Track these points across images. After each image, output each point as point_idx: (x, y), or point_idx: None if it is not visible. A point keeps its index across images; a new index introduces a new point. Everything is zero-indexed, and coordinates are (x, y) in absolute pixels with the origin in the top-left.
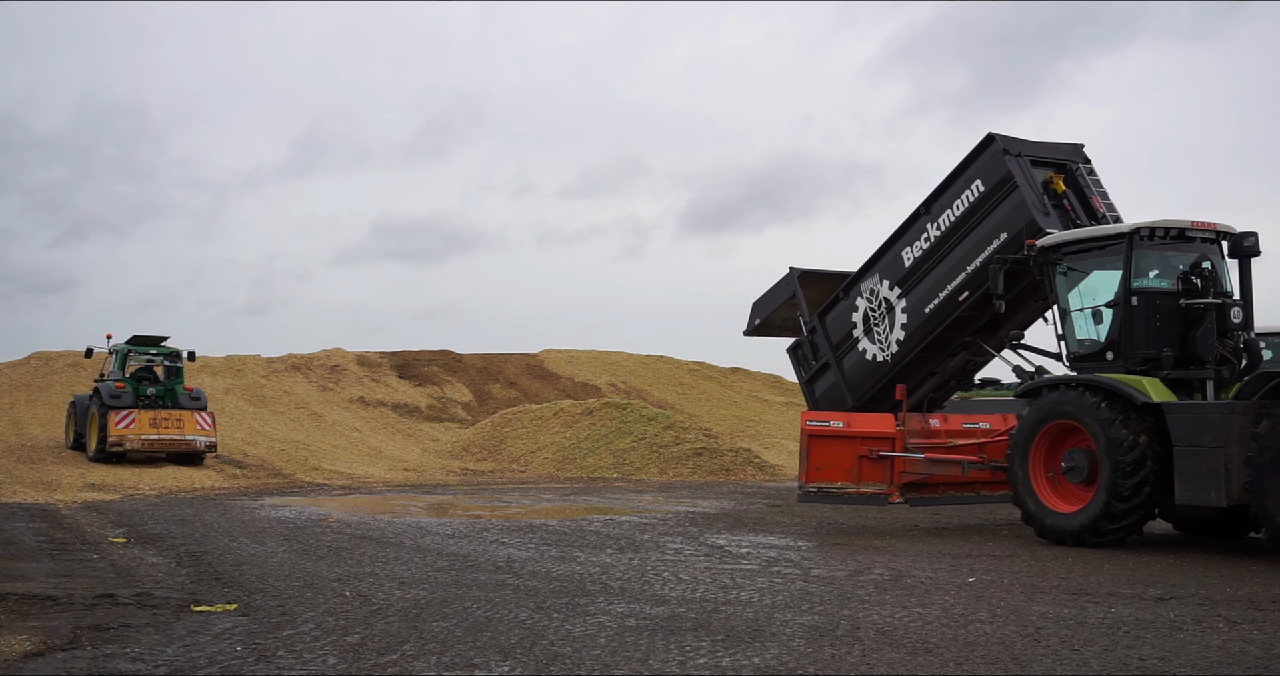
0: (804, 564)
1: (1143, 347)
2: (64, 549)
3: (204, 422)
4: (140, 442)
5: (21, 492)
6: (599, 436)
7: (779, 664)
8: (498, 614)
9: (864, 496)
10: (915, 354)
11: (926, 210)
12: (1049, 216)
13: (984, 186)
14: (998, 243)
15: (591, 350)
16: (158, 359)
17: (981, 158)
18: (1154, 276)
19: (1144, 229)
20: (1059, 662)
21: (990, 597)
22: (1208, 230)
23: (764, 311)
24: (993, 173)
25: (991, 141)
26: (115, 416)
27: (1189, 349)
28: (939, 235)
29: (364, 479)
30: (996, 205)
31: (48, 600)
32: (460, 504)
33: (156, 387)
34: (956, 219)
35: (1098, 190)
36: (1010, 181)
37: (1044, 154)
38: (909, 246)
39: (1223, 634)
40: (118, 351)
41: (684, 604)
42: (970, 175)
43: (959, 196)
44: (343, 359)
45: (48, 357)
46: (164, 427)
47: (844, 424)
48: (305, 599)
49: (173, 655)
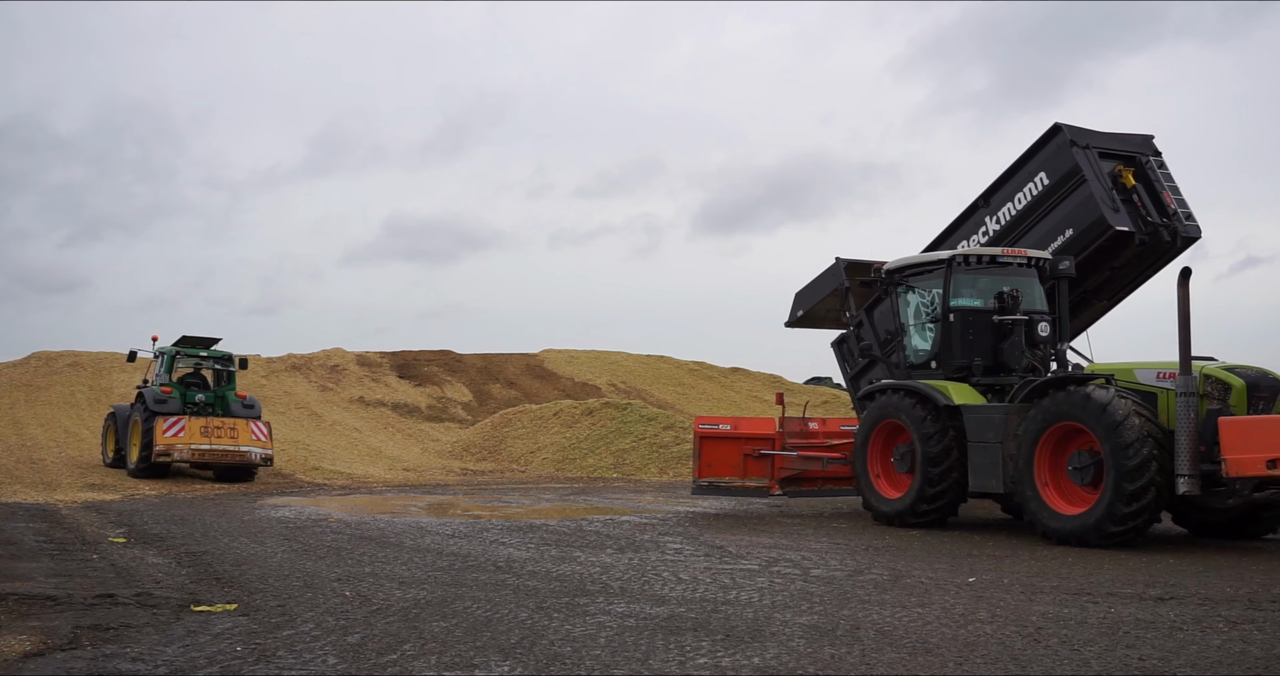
0: (804, 564)
1: (959, 358)
2: (64, 549)
3: (259, 432)
4: (189, 453)
5: (21, 492)
6: (599, 436)
7: (779, 664)
8: (498, 614)
9: (748, 489)
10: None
11: (985, 203)
12: (1118, 213)
13: (1049, 179)
14: (1063, 239)
15: (591, 350)
16: (208, 362)
17: (1046, 149)
18: (970, 297)
19: (959, 257)
20: (1059, 662)
21: (990, 597)
22: (1020, 256)
23: (807, 303)
24: (1059, 165)
25: (1058, 132)
26: (162, 423)
27: (1000, 359)
28: (998, 230)
29: (364, 479)
30: (1062, 200)
31: (48, 600)
32: (460, 504)
33: (206, 394)
34: (1018, 213)
35: (1169, 185)
36: (1077, 175)
37: (1112, 145)
38: (965, 241)
39: (1223, 634)
40: (164, 354)
41: (684, 604)
42: (1034, 167)
43: (1021, 189)
44: (343, 359)
45: (48, 357)
46: (216, 437)
47: (731, 427)
48: (305, 599)
49: (173, 655)
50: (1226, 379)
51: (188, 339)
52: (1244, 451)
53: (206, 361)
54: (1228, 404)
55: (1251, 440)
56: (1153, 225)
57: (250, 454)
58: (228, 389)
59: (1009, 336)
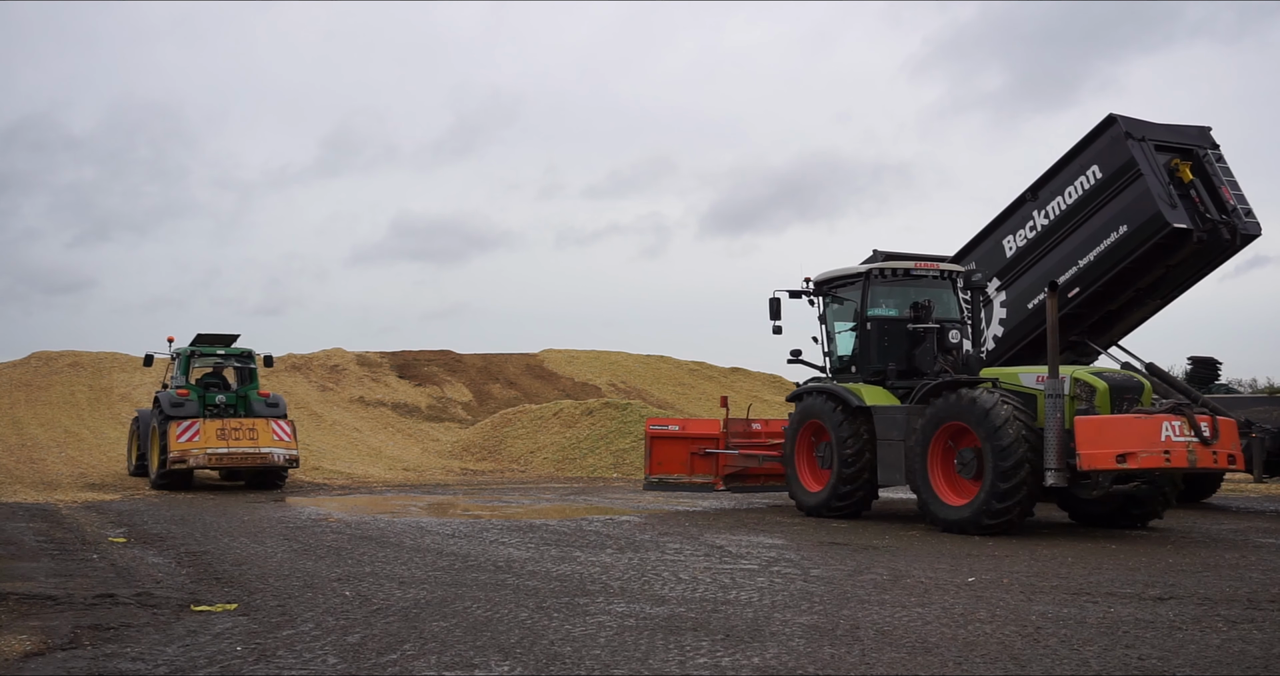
0: (804, 564)
1: (875, 362)
2: (64, 549)
3: (282, 432)
4: (206, 458)
5: (21, 492)
6: (599, 436)
7: (779, 663)
8: (498, 614)
9: (695, 485)
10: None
11: (1033, 196)
12: (1176, 209)
13: (1102, 173)
14: (1116, 236)
15: (591, 350)
16: (227, 361)
17: (1100, 141)
18: (886, 307)
19: (875, 270)
20: (1058, 662)
21: (990, 597)
22: (932, 269)
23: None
24: (1113, 158)
25: (1112, 123)
26: (176, 427)
27: (913, 364)
28: (1047, 225)
29: (364, 479)
30: (1116, 194)
31: (48, 600)
32: (460, 504)
33: (227, 394)
34: (1068, 207)
35: (1227, 179)
36: (1133, 169)
37: (1168, 138)
38: (1011, 235)
39: (1222, 634)
40: (180, 354)
41: (684, 604)
42: (1086, 160)
43: (1072, 182)
44: (343, 359)
45: (48, 357)
46: (234, 439)
47: (679, 427)
48: (305, 599)
49: (173, 655)
50: (1092, 381)
51: (204, 337)
52: (1096, 447)
53: (225, 360)
54: (1093, 404)
55: (1103, 437)
56: (1211, 222)
57: (272, 455)
58: (250, 388)
59: (921, 343)
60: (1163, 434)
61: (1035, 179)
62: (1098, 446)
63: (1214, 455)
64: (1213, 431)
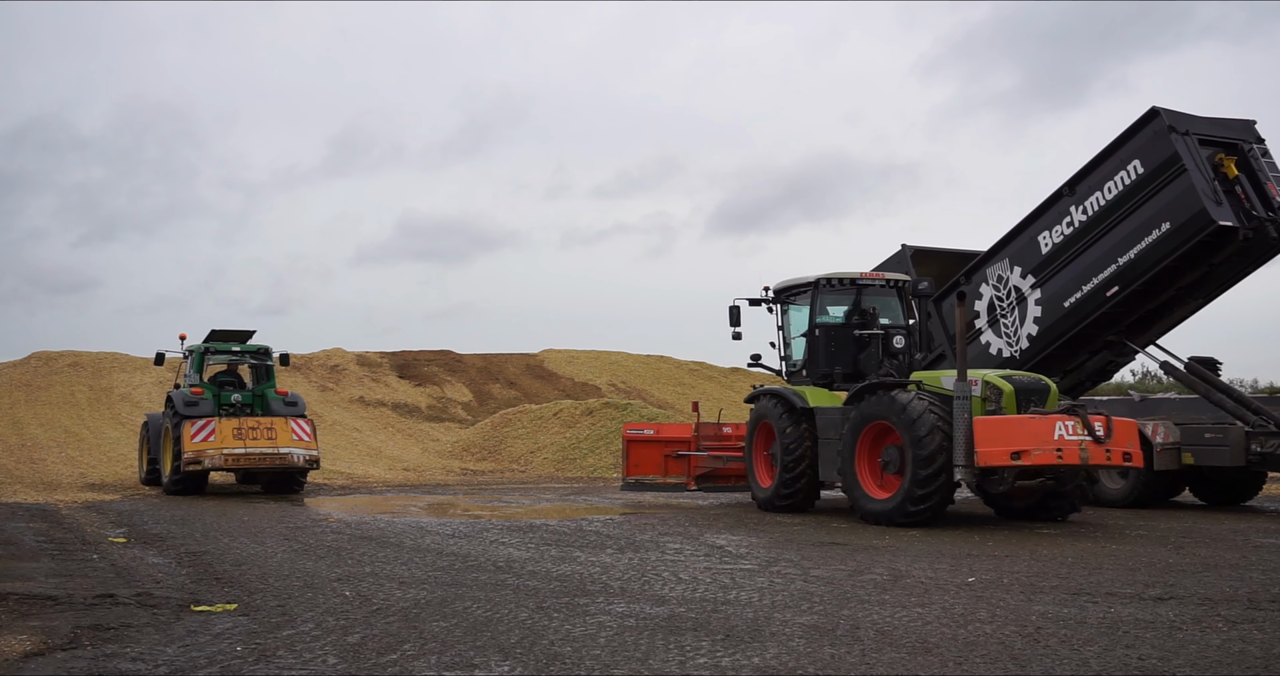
0: (804, 564)
1: (823, 366)
2: (64, 549)
3: (301, 431)
4: (223, 459)
5: (21, 492)
6: (599, 436)
7: (779, 664)
8: (498, 614)
9: (669, 485)
10: (1049, 352)
11: (1070, 191)
12: (1221, 206)
13: (1144, 167)
14: (1158, 233)
15: (591, 350)
16: (242, 358)
17: (1141, 134)
18: (834, 313)
19: (822, 279)
20: (1059, 662)
21: (990, 597)
22: (877, 279)
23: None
24: (1156, 153)
25: (1155, 116)
26: (190, 427)
27: (859, 367)
28: (1085, 220)
29: (364, 479)
30: (1158, 190)
31: (48, 600)
32: (460, 504)
33: (243, 393)
34: (1108, 203)
35: (1274, 175)
36: (1176, 164)
37: (1213, 132)
38: (1047, 230)
39: (1222, 634)
40: (193, 352)
41: (684, 604)
42: (1127, 154)
43: (1112, 177)
44: (343, 359)
45: (48, 357)
46: (251, 439)
47: (654, 432)
48: (305, 599)
49: (173, 655)
50: (1000, 384)
51: (218, 333)
52: (992, 445)
53: (241, 357)
54: (1000, 405)
55: (999, 436)
56: (1257, 220)
57: (291, 455)
58: (267, 386)
59: (866, 348)
60: (1056, 433)
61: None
62: (994, 444)
63: (1107, 453)
64: (1106, 431)
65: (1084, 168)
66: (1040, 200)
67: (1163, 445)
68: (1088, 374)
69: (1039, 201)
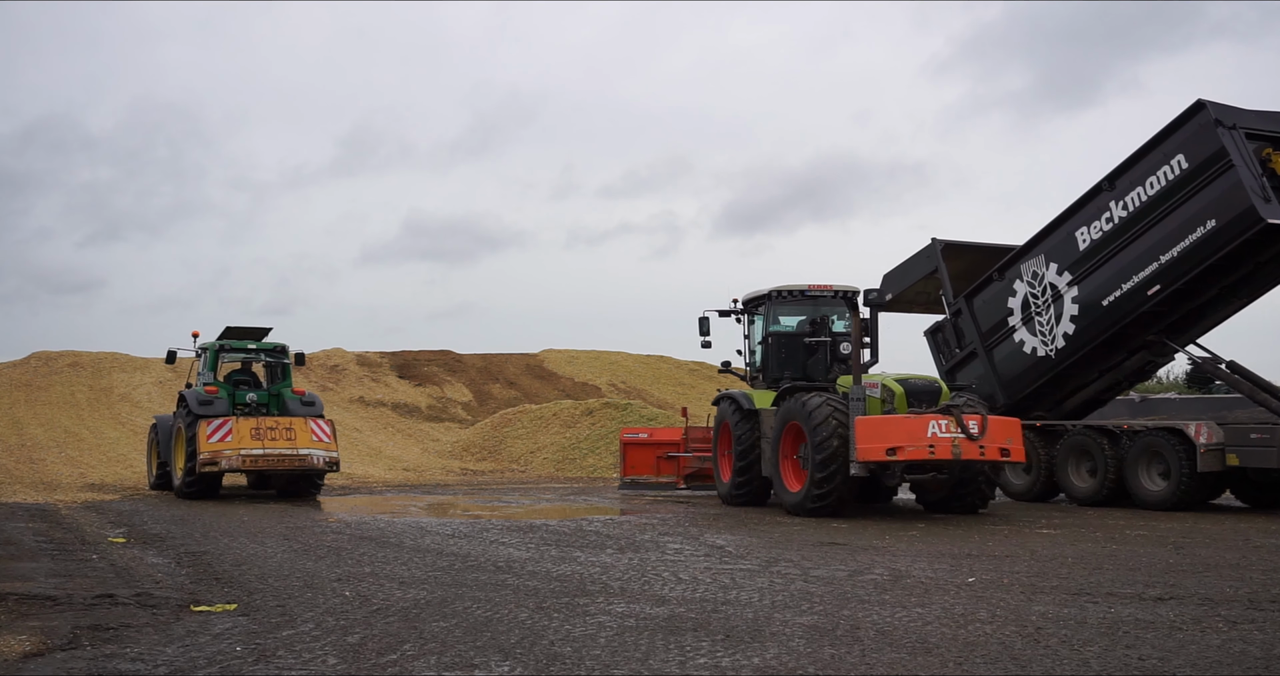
0: (804, 564)
1: (775, 372)
2: (64, 549)
3: (321, 432)
4: (240, 459)
5: (21, 492)
6: (599, 436)
7: (779, 664)
8: (498, 614)
9: (662, 484)
10: (1086, 351)
11: (1110, 186)
12: (1270, 203)
13: (1188, 162)
14: (1203, 231)
15: (591, 350)
16: (258, 356)
17: (1186, 128)
18: (786, 322)
19: (775, 291)
20: (1059, 662)
21: (990, 597)
22: (826, 291)
23: (897, 285)
24: (1201, 147)
25: (1200, 109)
26: (206, 427)
27: (808, 373)
28: (1125, 216)
29: (364, 479)
30: (1203, 186)
31: (48, 600)
32: (460, 504)
33: (258, 392)
34: (1150, 199)
35: None
36: (1223, 159)
37: (1260, 125)
38: (1085, 226)
39: (1222, 634)
40: (207, 350)
41: (684, 604)
42: (1170, 148)
43: (1154, 172)
44: (342, 359)
45: (48, 357)
46: (270, 440)
47: (648, 435)
48: (305, 599)
49: (173, 655)
50: (893, 386)
51: (233, 330)
52: (870, 442)
53: (256, 355)
54: (893, 406)
55: (876, 434)
56: None
57: (311, 457)
58: (283, 385)
59: (815, 354)
60: (929, 431)
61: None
62: (872, 441)
63: (981, 449)
64: (981, 429)
65: (1124, 162)
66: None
67: (1207, 446)
68: (1125, 374)
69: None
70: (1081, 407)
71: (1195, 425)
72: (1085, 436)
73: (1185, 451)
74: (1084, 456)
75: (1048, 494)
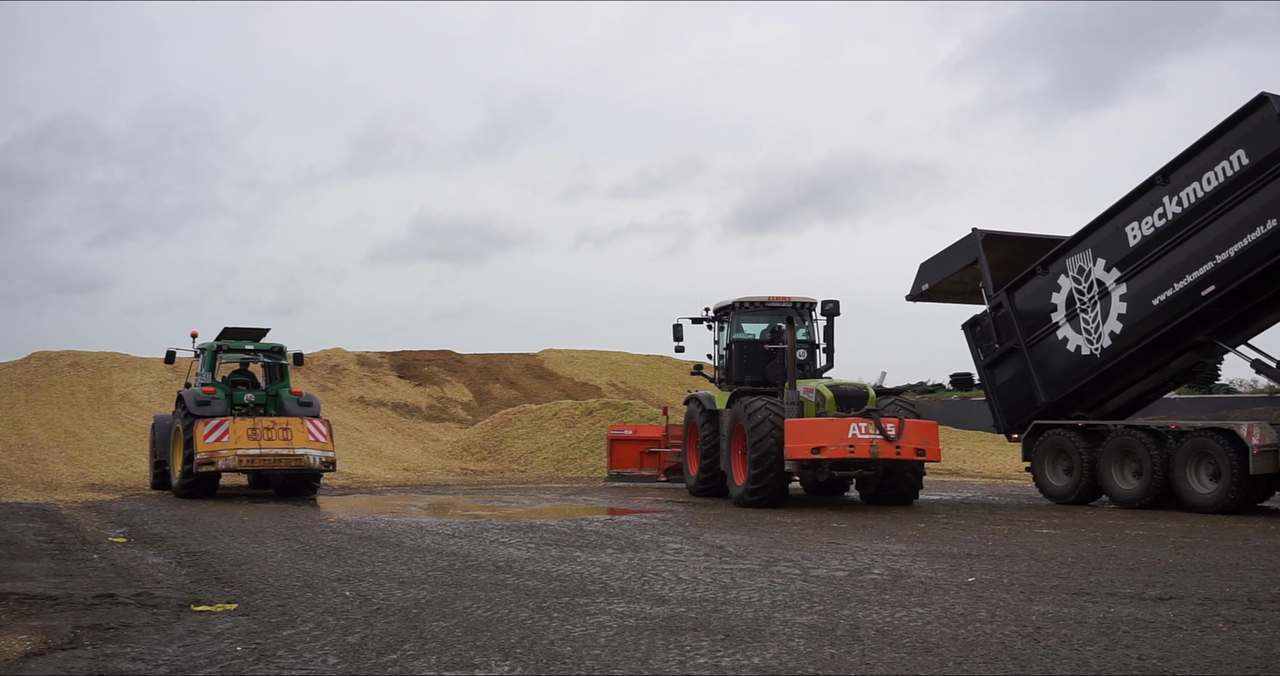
0: (804, 564)
1: (738, 375)
2: (64, 549)
3: (317, 432)
4: (237, 459)
5: (21, 492)
6: (599, 436)
7: (779, 664)
8: (498, 614)
9: (644, 477)
10: (1133, 351)
11: (1164, 180)
12: None
13: (1249, 158)
14: (1264, 230)
15: (591, 350)
16: (255, 357)
17: (1248, 121)
18: (750, 330)
19: (737, 302)
20: (1059, 662)
21: (990, 597)
22: (784, 301)
23: (935, 276)
24: (1264, 143)
25: (1263, 102)
26: (203, 427)
27: (767, 376)
28: (1180, 212)
29: (364, 479)
30: (1265, 183)
31: (48, 600)
32: (460, 504)
33: (256, 393)
34: (1207, 195)
35: None
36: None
37: None
38: (1136, 221)
39: (1222, 634)
40: (205, 350)
41: (684, 604)
42: (1230, 142)
43: (1212, 168)
44: (342, 359)
45: (48, 357)
46: (266, 440)
47: (632, 432)
48: (305, 599)
49: (173, 655)
50: (825, 391)
51: (230, 331)
52: (798, 442)
53: (254, 355)
54: (824, 409)
55: (803, 435)
56: None
57: (308, 457)
58: (281, 386)
59: (773, 359)
60: (849, 432)
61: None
62: (799, 441)
63: (897, 449)
64: (898, 431)
65: (1180, 155)
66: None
67: (1259, 447)
68: (1172, 374)
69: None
70: (1124, 407)
71: (1248, 425)
72: (1130, 437)
73: (1237, 452)
74: (1128, 458)
75: (1090, 496)
